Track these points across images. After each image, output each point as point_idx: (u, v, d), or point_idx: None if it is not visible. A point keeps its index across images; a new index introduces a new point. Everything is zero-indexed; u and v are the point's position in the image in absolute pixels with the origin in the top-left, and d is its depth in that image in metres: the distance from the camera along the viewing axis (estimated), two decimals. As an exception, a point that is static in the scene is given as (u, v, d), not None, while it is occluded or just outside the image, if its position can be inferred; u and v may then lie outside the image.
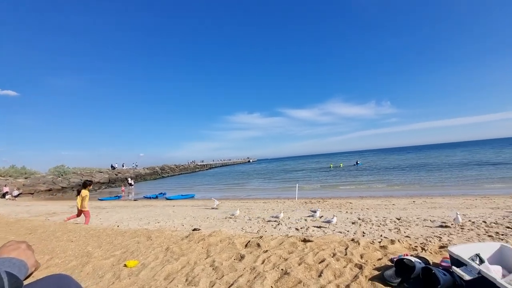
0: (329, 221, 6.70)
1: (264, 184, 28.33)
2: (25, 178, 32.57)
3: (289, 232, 6.33)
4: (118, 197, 22.68)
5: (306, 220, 7.67)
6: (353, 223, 6.87)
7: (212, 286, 2.43)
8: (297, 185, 15.68)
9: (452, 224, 5.94)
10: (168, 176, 54.05)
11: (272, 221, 7.77)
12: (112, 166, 49.62)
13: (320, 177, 30.30)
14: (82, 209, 7.08)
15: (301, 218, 7.97)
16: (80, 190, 7.11)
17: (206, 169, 75.93)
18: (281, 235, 4.08)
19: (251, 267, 2.72)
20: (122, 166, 51.78)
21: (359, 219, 7.32)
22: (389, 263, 2.55)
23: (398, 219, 7.01)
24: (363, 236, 5.64)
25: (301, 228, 6.67)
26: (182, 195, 20.14)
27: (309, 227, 6.65)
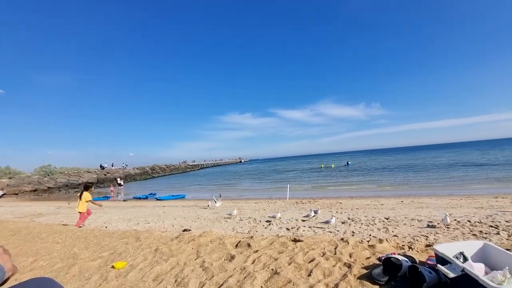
0: (328, 222, 6.73)
1: (255, 184, 28.35)
2: (9, 178, 31.60)
3: (280, 232, 6.35)
4: (107, 198, 22.25)
5: (297, 220, 7.71)
6: (343, 223, 6.95)
7: (201, 287, 2.42)
8: (288, 186, 15.75)
9: (438, 224, 6.08)
10: (158, 176, 53.42)
11: (269, 220, 7.78)
12: (101, 166, 48.74)
13: (311, 177, 30.53)
14: (81, 211, 7.33)
15: (292, 218, 8.00)
16: (82, 193, 7.32)
17: (198, 169, 75.43)
18: (271, 235, 4.09)
19: (241, 267, 2.72)
20: (112, 166, 50.93)
21: (349, 218, 7.41)
22: (377, 262, 2.59)
23: (387, 219, 7.13)
24: (353, 235, 5.71)
25: (292, 228, 6.69)
26: (172, 196, 19.94)
27: (299, 227, 6.69)
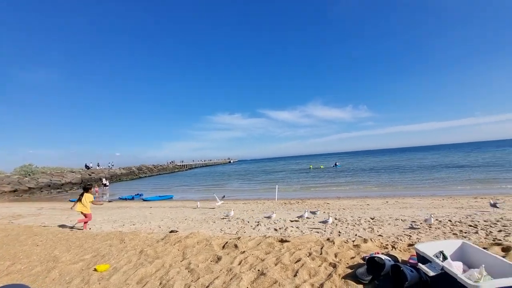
0: (325, 222, 6.78)
1: (244, 185, 28.30)
2: (-13, 178, 30.28)
3: (268, 232, 6.36)
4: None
5: (285, 220, 7.75)
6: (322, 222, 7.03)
7: (187, 289, 2.39)
8: (277, 186, 15.82)
9: (421, 223, 6.27)
10: (145, 176, 52.42)
11: (258, 222, 7.76)
12: (86, 166, 47.45)
13: (300, 178, 30.78)
14: (85, 212, 7.11)
15: (280, 218, 8.04)
16: (83, 195, 7.15)
17: (186, 170, 74.56)
18: (259, 236, 4.10)
19: (228, 269, 2.71)
20: (98, 166, 49.66)
21: (335, 219, 7.51)
22: (362, 261, 2.64)
23: (372, 219, 7.28)
24: (339, 235, 5.80)
25: (280, 228, 6.72)
26: (160, 196, 19.61)
27: (287, 228, 6.73)
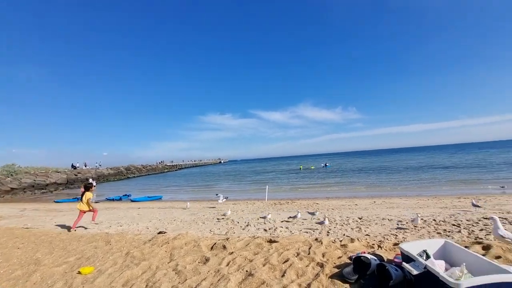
0: (322, 222, 6.81)
1: (234, 185, 28.24)
2: (-35, 178, 29.03)
3: (257, 233, 6.36)
4: (77, 199, 21.03)
5: (275, 221, 7.77)
6: (319, 223, 7.10)
7: (173, 291, 2.36)
8: (267, 187, 15.86)
9: (407, 223, 6.42)
10: (134, 177, 51.49)
11: (248, 223, 7.75)
12: (73, 166, 46.17)
13: (290, 178, 30.97)
14: (91, 209, 7.43)
15: (270, 219, 8.05)
16: (84, 193, 7.34)
17: (176, 170, 73.71)
18: (248, 236, 4.09)
19: (216, 270, 2.69)
20: (85, 166, 48.44)
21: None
22: (348, 261, 2.68)
23: (360, 219, 7.40)
24: (328, 235, 5.86)
25: (270, 229, 6.74)
26: (148, 197, 19.31)
27: (277, 228, 6.75)
